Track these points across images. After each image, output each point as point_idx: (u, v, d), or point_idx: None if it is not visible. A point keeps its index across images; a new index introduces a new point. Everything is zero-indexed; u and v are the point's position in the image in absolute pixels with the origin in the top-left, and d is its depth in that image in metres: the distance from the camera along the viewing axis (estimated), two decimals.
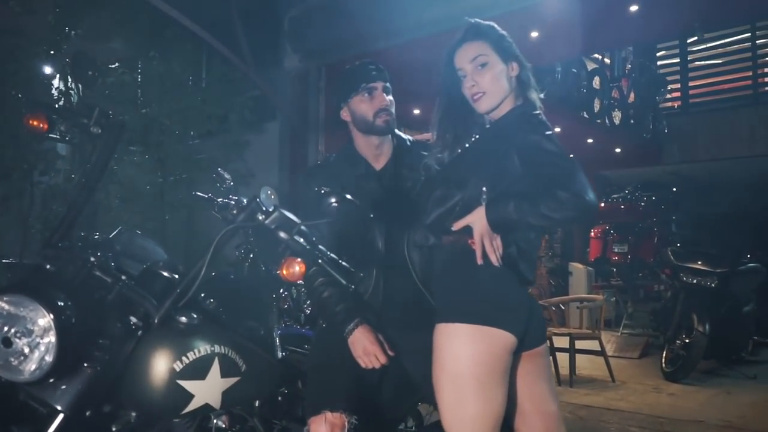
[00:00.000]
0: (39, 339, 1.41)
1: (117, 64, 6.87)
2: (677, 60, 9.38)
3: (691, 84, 9.35)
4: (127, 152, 6.68)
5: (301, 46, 6.68)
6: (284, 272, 1.58)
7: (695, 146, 8.85)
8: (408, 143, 2.24)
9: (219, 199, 2.29)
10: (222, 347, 1.65)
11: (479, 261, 1.73)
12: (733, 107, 8.81)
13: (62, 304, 1.45)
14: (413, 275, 2.06)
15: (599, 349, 5.71)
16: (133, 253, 3.03)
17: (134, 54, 6.69)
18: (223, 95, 6.86)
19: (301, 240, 1.60)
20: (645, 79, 8.73)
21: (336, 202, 1.66)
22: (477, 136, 1.95)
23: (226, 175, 2.76)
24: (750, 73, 8.73)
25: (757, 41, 8.65)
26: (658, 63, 9.63)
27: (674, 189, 9.75)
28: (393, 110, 2.15)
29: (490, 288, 1.74)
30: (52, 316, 1.41)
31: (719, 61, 9.06)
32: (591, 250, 9.24)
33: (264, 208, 1.63)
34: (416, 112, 7.38)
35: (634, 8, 6.91)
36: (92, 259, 1.56)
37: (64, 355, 1.42)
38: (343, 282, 1.62)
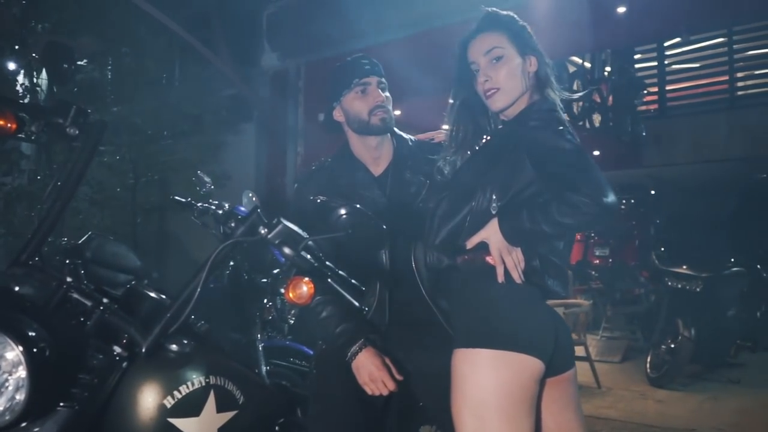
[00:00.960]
0: (7, 375, 1.21)
1: (86, 61, 6.58)
2: (655, 63, 9.37)
3: (668, 87, 9.35)
4: (97, 152, 6.38)
5: (279, 43, 6.47)
6: (290, 294, 1.40)
7: (673, 149, 8.85)
8: (410, 143, 2.06)
9: (198, 204, 2.10)
10: (217, 378, 1.46)
11: (500, 279, 1.58)
12: (710, 111, 8.83)
13: (33, 333, 1.24)
14: (421, 290, 1.88)
15: (584, 354, 5.63)
16: (105, 260, 2.80)
17: (105, 50, 6.39)
18: (198, 94, 6.60)
19: (308, 257, 1.42)
20: (624, 82, 8.71)
21: (346, 214, 1.48)
22: (488, 138, 1.79)
23: (206, 178, 2.56)
24: (726, 77, 8.76)
25: (734, 46, 8.68)
26: (636, 66, 9.61)
27: (652, 192, 9.77)
28: (390, 107, 1.97)
29: (513, 308, 1.58)
30: (21, 348, 1.21)
31: (697, 65, 9.07)
32: (572, 254, 9.17)
33: (266, 221, 1.45)
34: (397, 113, 7.22)
35: (614, 11, 6.87)
36: (69, 279, 1.36)
37: (37, 394, 1.21)
38: (356, 304, 1.44)
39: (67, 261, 1.42)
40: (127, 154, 6.45)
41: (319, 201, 1.95)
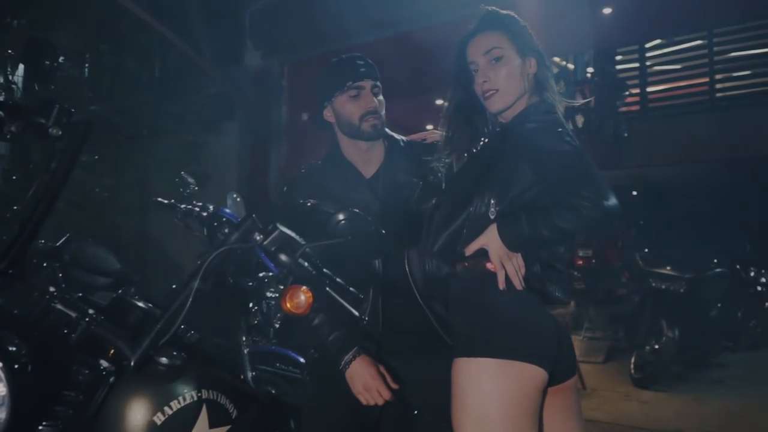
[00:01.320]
0: None
1: (62, 58, 6.42)
2: (637, 65, 9.43)
3: (649, 89, 9.42)
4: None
5: (262, 42, 6.37)
6: (288, 304, 1.34)
7: (654, 150, 8.92)
8: (401, 144, 2.01)
9: (182, 206, 2.02)
10: (210, 392, 1.39)
11: (501, 286, 1.53)
12: (690, 112, 8.91)
13: (14, 348, 1.17)
14: (415, 295, 1.83)
15: None
16: (85, 263, 2.70)
17: (83, 46, 6.24)
18: (180, 92, 6.48)
19: (306, 264, 1.36)
20: (607, 83, 8.76)
21: (345, 219, 1.42)
22: (485, 140, 1.75)
23: (190, 179, 2.48)
24: (707, 79, 8.84)
25: (714, 48, 8.76)
26: (617, 67, 9.67)
27: (634, 192, 9.83)
28: (382, 113, 1.91)
29: (515, 316, 1.54)
30: (0, 363, 1.13)
31: (678, 67, 9.14)
32: None
33: (261, 227, 1.38)
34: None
35: (597, 12, 6.90)
36: (52, 289, 1.28)
37: (18, 412, 1.14)
38: (356, 313, 1.38)
39: (45, 264, 1.35)
40: (106, 154, 6.30)
41: (309, 204, 1.89)
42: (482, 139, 1.75)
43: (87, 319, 1.28)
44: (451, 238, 1.62)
